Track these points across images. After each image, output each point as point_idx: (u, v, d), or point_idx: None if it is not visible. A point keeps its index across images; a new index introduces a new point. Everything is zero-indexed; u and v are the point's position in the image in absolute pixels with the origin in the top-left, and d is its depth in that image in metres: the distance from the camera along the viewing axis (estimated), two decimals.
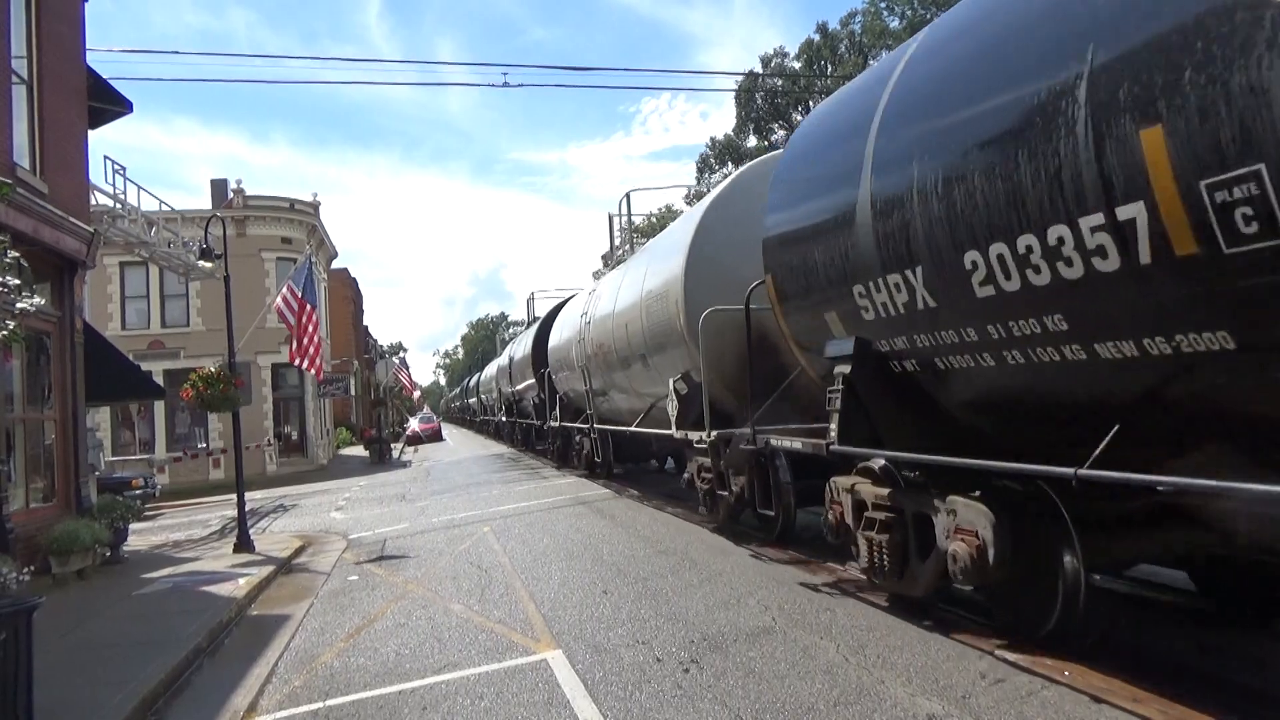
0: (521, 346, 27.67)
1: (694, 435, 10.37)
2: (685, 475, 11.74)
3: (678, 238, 11.58)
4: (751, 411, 8.67)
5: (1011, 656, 5.23)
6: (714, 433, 9.80)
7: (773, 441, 8.32)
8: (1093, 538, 5.08)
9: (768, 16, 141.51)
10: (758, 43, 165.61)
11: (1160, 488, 4.38)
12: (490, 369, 43.10)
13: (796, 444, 7.77)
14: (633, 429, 13.93)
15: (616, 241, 18.82)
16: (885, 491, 6.38)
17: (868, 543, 6.45)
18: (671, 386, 10.78)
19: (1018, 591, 5.46)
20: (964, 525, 5.41)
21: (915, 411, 6.18)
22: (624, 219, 18.64)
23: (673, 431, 11.02)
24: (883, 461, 6.45)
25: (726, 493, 10.04)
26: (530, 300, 32.15)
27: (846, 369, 6.48)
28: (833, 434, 6.54)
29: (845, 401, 6.42)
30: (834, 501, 7.10)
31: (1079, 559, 5.00)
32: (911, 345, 5.82)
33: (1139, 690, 4.52)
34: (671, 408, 10.89)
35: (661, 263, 11.80)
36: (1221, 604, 5.89)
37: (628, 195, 18.82)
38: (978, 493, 5.45)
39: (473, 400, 56.96)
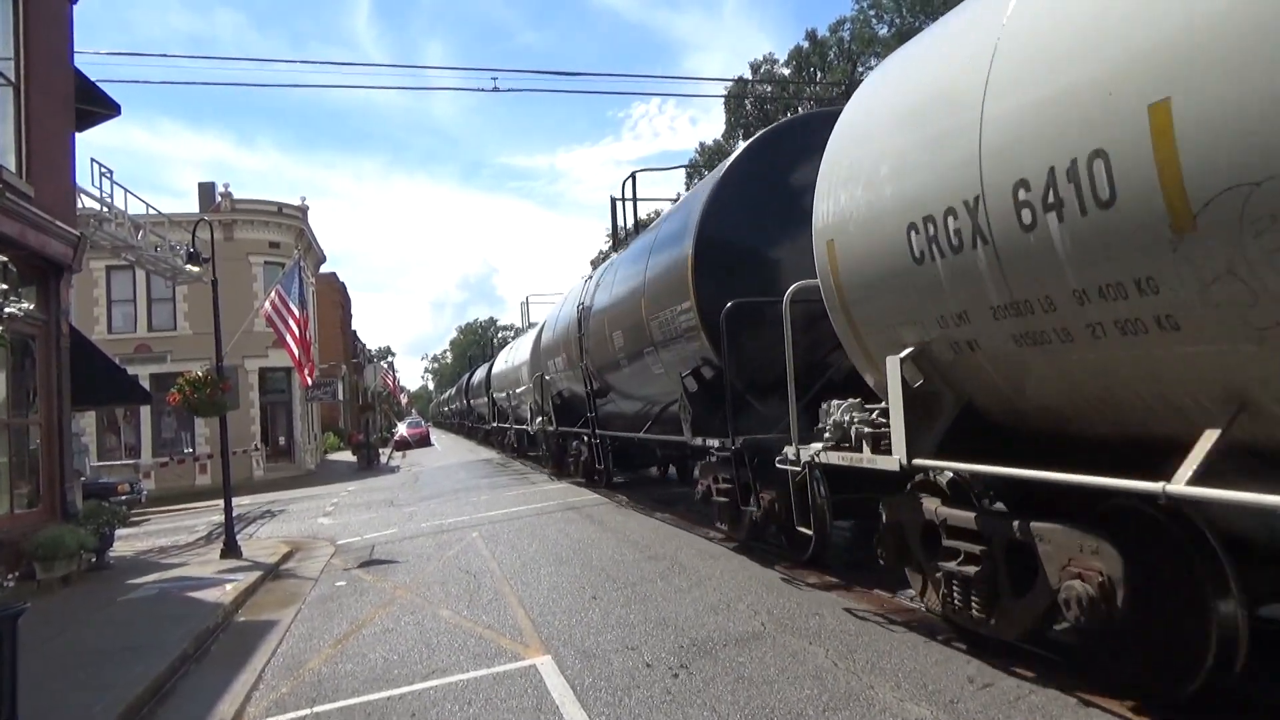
0: (621, 271, 12.91)
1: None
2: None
3: None
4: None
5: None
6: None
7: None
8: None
9: (757, 22, 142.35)
10: (747, 48, 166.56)
11: None
12: (513, 353, 29.70)
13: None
14: None
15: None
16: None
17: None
18: None
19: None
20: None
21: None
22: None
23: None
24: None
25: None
26: (628, 187, 14.93)
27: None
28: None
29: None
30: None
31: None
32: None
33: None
34: None
35: None
36: None
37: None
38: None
39: (478, 401, 41.87)
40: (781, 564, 8.32)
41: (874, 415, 6.29)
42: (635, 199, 14.70)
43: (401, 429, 56.34)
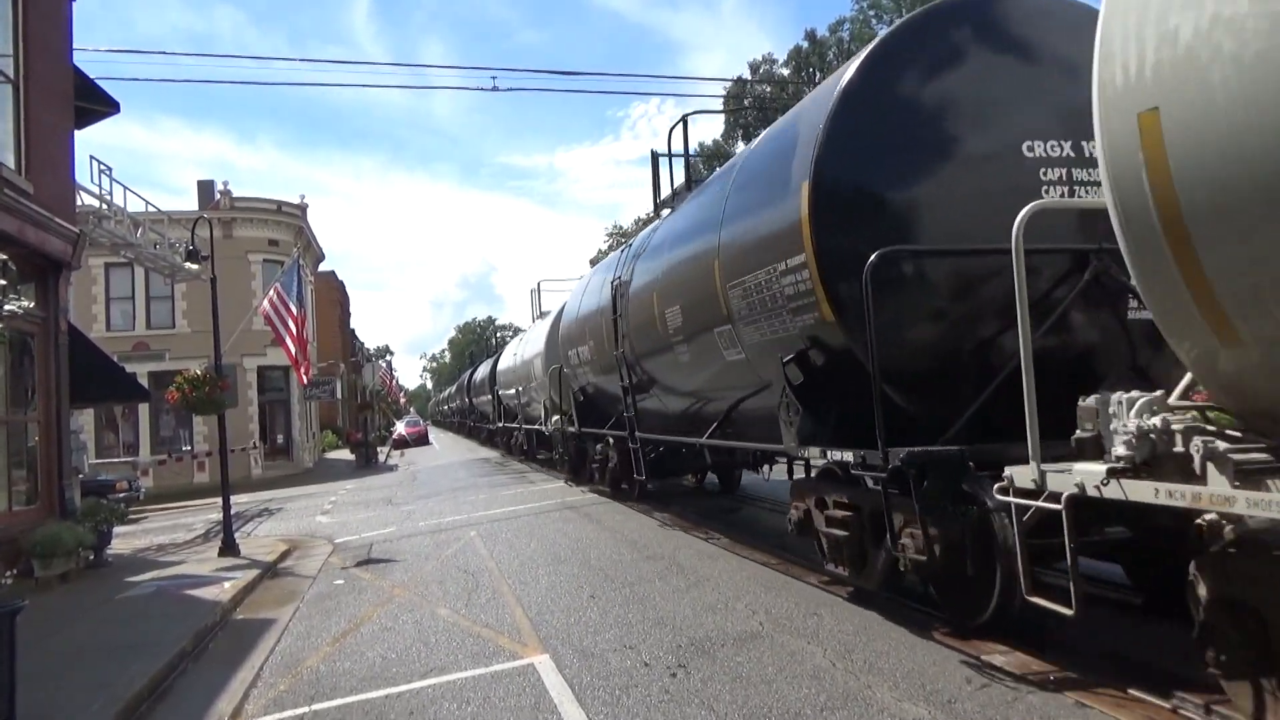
0: (677, 233, 10.49)
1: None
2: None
3: None
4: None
5: (998, 661, 5.27)
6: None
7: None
8: None
9: (756, 22, 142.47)
10: (746, 48, 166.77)
11: None
12: (523, 345, 25.28)
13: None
14: None
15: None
16: None
17: None
18: None
19: None
20: None
21: None
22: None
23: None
24: None
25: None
26: (676, 137, 12.25)
27: None
28: None
29: None
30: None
31: None
32: None
33: (1121, 695, 4.56)
34: None
35: None
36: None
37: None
38: None
39: (481, 399, 37.80)
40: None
41: (1185, 416, 3.93)
42: (686, 154, 11.99)
43: (400, 428, 56.48)
